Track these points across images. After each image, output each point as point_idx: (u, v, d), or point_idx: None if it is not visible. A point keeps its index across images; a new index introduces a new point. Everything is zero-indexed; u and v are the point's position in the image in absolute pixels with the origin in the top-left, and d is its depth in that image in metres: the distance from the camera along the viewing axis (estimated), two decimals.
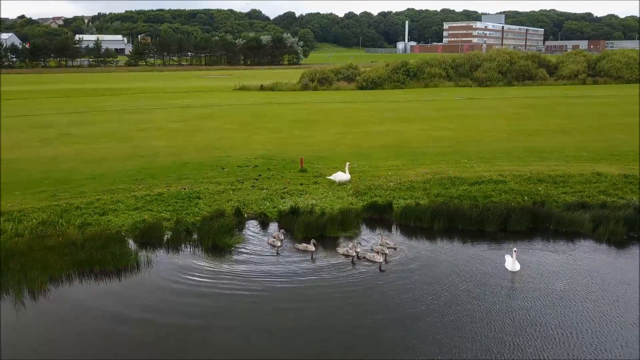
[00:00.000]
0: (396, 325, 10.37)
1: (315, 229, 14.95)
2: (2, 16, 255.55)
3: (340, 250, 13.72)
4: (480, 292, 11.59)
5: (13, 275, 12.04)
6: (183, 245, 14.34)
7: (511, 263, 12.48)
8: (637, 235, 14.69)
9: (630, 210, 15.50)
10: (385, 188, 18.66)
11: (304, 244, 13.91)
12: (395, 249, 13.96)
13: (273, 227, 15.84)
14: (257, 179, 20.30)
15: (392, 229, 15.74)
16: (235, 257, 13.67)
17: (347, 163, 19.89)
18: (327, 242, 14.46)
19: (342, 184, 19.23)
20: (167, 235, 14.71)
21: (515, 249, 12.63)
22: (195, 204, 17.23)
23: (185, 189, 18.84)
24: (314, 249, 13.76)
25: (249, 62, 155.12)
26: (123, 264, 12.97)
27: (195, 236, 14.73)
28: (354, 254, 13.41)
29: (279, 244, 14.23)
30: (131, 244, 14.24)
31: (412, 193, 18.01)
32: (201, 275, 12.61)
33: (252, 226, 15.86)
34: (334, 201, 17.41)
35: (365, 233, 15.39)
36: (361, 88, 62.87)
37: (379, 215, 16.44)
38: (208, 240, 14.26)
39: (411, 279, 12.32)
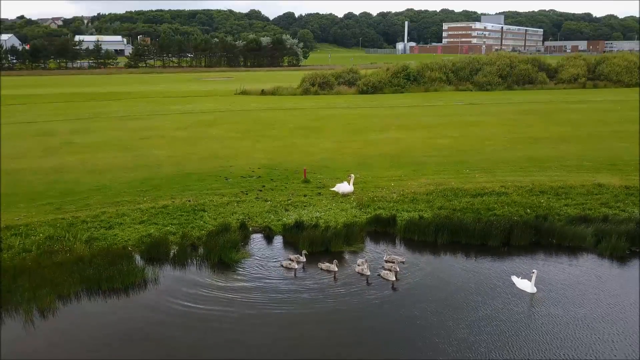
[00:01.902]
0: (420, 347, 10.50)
1: (320, 243, 15.09)
2: (2, 17, 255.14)
3: (357, 269, 13.68)
4: (502, 315, 11.63)
5: (22, 293, 12.16)
6: (189, 261, 14.44)
7: (530, 285, 12.52)
8: (639, 250, 14.84)
9: (632, 224, 15.62)
10: (389, 200, 18.77)
11: (327, 264, 13.84)
12: (403, 262, 14.06)
13: (278, 240, 15.96)
14: (260, 190, 20.42)
15: (396, 243, 15.84)
16: (241, 273, 13.76)
17: (352, 175, 19.99)
18: (334, 257, 14.37)
19: (345, 195, 19.36)
20: (174, 251, 14.82)
21: (534, 270, 12.65)
22: (201, 216, 17.35)
23: (190, 201, 18.96)
24: (336, 269, 13.69)
25: (248, 64, 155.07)
26: (131, 281, 13.08)
27: (201, 251, 14.84)
28: (369, 272, 13.44)
29: (295, 266, 13.98)
30: (138, 259, 14.35)
31: (415, 205, 18.13)
32: (208, 292, 12.71)
33: (257, 240, 15.98)
34: (337, 214, 17.52)
35: (370, 247, 15.49)
36: (362, 92, 62.90)
37: (383, 229, 16.55)
38: (214, 255, 14.37)
39: (428, 301, 12.27)
